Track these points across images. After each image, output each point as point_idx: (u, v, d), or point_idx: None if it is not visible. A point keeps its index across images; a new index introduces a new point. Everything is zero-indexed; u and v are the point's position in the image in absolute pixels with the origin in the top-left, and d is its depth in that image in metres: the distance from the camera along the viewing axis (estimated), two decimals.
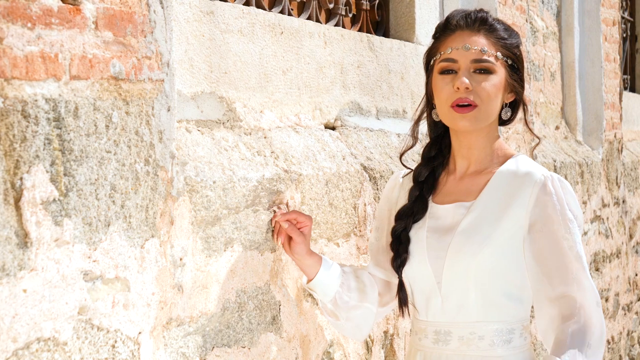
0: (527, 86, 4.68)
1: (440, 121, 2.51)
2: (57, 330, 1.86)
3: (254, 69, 2.82)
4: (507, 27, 2.49)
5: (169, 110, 2.22)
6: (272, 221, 2.62)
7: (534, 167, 2.46)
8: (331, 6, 3.52)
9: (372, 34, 3.72)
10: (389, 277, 2.62)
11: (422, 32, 3.92)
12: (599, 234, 5.67)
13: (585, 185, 5.42)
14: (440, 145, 2.58)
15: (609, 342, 5.87)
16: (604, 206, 5.77)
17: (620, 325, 6.11)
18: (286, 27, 3.00)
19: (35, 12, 1.81)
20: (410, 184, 2.59)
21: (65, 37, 1.88)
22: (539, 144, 2.69)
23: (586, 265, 2.41)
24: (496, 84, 2.44)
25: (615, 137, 6.00)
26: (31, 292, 1.79)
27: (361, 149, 3.27)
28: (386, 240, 2.61)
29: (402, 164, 2.67)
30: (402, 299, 2.55)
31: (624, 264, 6.16)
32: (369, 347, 3.16)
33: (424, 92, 2.58)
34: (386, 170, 3.28)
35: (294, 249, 2.57)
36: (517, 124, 4.38)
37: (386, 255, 2.60)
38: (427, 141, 2.62)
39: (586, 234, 5.42)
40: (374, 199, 3.19)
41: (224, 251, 2.46)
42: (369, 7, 3.80)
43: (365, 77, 3.45)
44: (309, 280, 2.58)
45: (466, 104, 2.41)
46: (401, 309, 2.56)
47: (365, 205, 3.14)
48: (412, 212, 2.52)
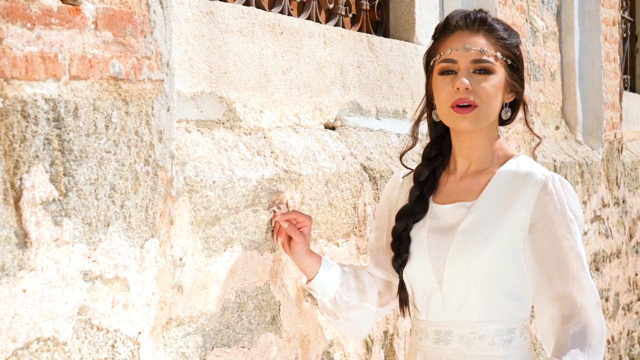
0: (527, 86, 4.68)
1: (440, 121, 2.51)
2: (56, 330, 1.86)
3: (254, 69, 2.82)
4: (507, 27, 2.49)
5: (168, 110, 2.22)
6: (271, 221, 2.62)
7: (534, 167, 2.46)
8: (331, 6, 3.52)
9: (372, 34, 3.72)
10: (388, 277, 2.62)
11: (422, 32, 3.92)
12: (599, 234, 5.67)
13: (585, 185, 5.42)
14: (440, 145, 2.58)
15: (609, 342, 5.86)
16: (604, 206, 5.77)
17: (620, 325, 6.11)
18: (286, 27, 3.00)
19: (34, 12, 1.80)
20: (410, 185, 2.59)
21: (64, 37, 1.88)
22: (539, 143, 2.69)
23: (586, 265, 2.41)
24: (496, 84, 2.44)
25: (615, 137, 6.00)
26: (31, 292, 1.79)
27: (361, 149, 3.27)
28: (386, 240, 2.61)
29: (403, 164, 2.67)
30: (403, 298, 2.55)
31: (624, 264, 6.16)
32: (368, 347, 3.16)
33: (424, 92, 2.58)
34: (386, 170, 3.28)
35: (294, 249, 2.57)
36: (517, 124, 4.38)
37: (386, 255, 2.60)
38: (428, 141, 2.62)
39: (586, 234, 5.41)
40: (374, 199, 3.19)
41: (224, 251, 2.46)
42: (369, 7, 3.80)
43: (365, 77, 3.45)
44: (309, 280, 2.58)
45: (466, 105, 2.41)
46: (402, 309, 2.56)
47: (365, 205, 3.14)
48: (412, 212, 2.52)
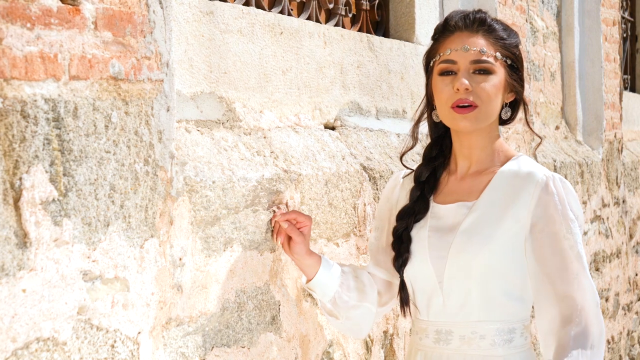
0: (527, 86, 4.68)
1: (440, 122, 2.52)
2: (56, 330, 1.86)
3: (254, 69, 2.82)
4: (506, 27, 2.49)
5: (168, 110, 2.22)
6: (271, 221, 2.62)
7: (535, 167, 2.46)
8: (331, 6, 3.52)
9: (372, 34, 3.72)
10: (388, 277, 2.62)
11: (422, 32, 3.92)
12: (599, 233, 5.67)
13: (585, 185, 5.42)
14: (441, 145, 2.58)
15: (609, 342, 5.86)
16: (604, 206, 5.77)
17: (620, 325, 6.11)
18: (286, 27, 3.00)
19: (34, 13, 1.80)
20: (410, 185, 2.59)
21: (64, 38, 1.88)
22: (540, 143, 2.69)
23: (586, 265, 2.41)
24: (496, 84, 2.44)
25: (615, 137, 6.00)
26: (30, 292, 1.79)
27: (361, 149, 3.27)
28: (386, 240, 2.61)
29: (403, 165, 2.67)
30: (404, 298, 2.55)
31: (624, 264, 6.16)
32: (368, 347, 3.16)
33: (423, 92, 2.58)
34: (386, 170, 3.28)
35: (294, 248, 2.57)
36: (517, 124, 4.38)
37: (386, 255, 2.60)
38: (428, 141, 2.62)
39: (586, 234, 5.42)
40: (374, 199, 3.19)
41: (224, 251, 2.46)
42: (368, 7, 3.80)
43: (365, 77, 3.45)
44: (309, 280, 2.58)
45: (466, 105, 2.42)
46: (402, 309, 2.56)
47: (364, 205, 3.14)
48: (413, 211, 2.52)
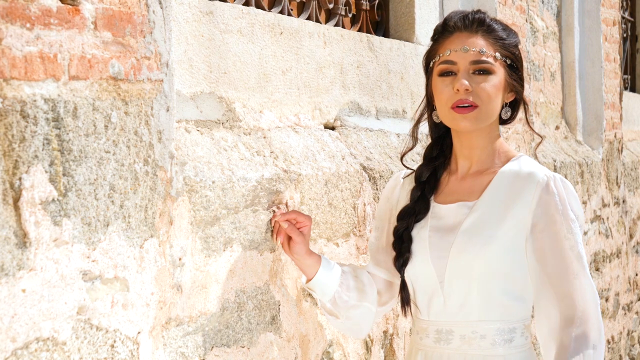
0: (527, 86, 4.68)
1: (441, 122, 2.52)
2: (56, 330, 1.86)
3: (254, 69, 2.82)
4: (505, 27, 2.49)
5: (168, 110, 2.22)
6: (271, 221, 2.63)
7: (536, 168, 2.46)
8: (331, 6, 3.52)
9: (372, 34, 3.72)
10: (388, 277, 2.62)
11: (421, 32, 3.92)
12: (599, 233, 5.67)
13: (585, 185, 5.42)
14: (441, 145, 2.58)
15: (609, 342, 5.86)
16: (604, 206, 5.77)
17: (620, 325, 6.11)
18: (286, 27, 3.00)
19: (34, 13, 1.81)
20: (410, 185, 2.59)
21: (64, 38, 1.88)
22: (541, 142, 2.70)
23: (586, 265, 2.42)
24: (496, 84, 2.44)
25: (615, 137, 6.00)
26: (30, 292, 1.79)
27: (361, 149, 3.27)
28: (386, 240, 2.61)
29: (403, 165, 2.67)
30: (405, 298, 2.55)
31: (624, 264, 6.16)
32: (368, 347, 3.16)
33: (423, 92, 2.58)
34: (386, 170, 3.28)
35: (294, 248, 2.57)
36: (517, 124, 4.38)
37: (386, 254, 2.60)
38: (428, 141, 2.62)
39: (586, 234, 5.42)
40: (374, 199, 3.19)
41: (223, 251, 2.46)
42: (368, 7, 3.80)
43: (364, 77, 3.45)
44: (308, 280, 2.58)
45: (467, 105, 2.42)
46: (403, 309, 2.56)
47: (364, 205, 3.14)
48: (414, 211, 2.53)
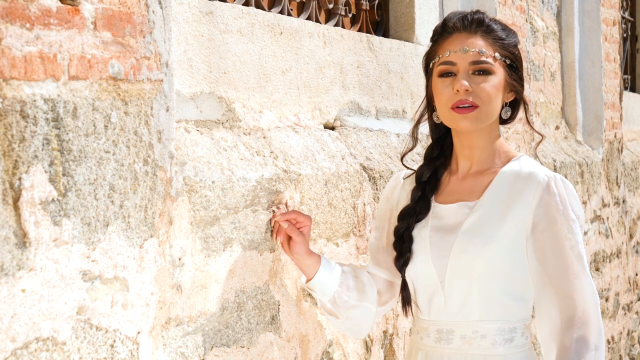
0: (527, 86, 4.68)
1: (441, 122, 2.52)
2: (55, 330, 1.86)
3: (253, 69, 2.82)
4: (505, 27, 2.50)
5: (167, 110, 2.22)
6: (271, 221, 2.63)
7: (537, 168, 2.46)
8: (331, 6, 3.52)
9: (371, 34, 3.72)
10: (388, 277, 2.62)
11: (421, 32, 3.92)
12: (599, 233, 5.67)
13: (585, 185, 5.42)
14: (442, 145, 2.58)
15: (609, 342, 5.86)
16: (604, 206, 5.77)
17: (620, 325, 6.11)
18: (285, 27, 3.00)
19: (34, 13, 1.81)
20: (411, 185, 2.60)
21: (64, 38, 1.88)
22: (542, 140, 2.70)
23: (587, 265, 2.42)
24: (495, 84, 2.44)
25: (615, 137, 6.00)
26: (30, 292, 1.80)
27: (360, 149, 3.27)
28: (386, 240, 2.61)
29: (404, 165, 2.67)
30: (405, 298, 2.55)
31: (624, 264, 6.16)
32: (368, 347, 3.16)
33: (423, 93, 2.59)
34: (385, 170, 3.28)
35: (293, 248, 2.57)
36: (517, 124, 4.38)
37: (386, 254, 2.61)
38: (428, 142, 2.62)
39: (586, 234, 5.42)
40: (374, 199, 3.19)
41: (223, 251, 2.46)
42: (368, 7, 3.80)
43: (364, 77, 3.45)
44: (308, 280, 2.58)
45: (467, 105, 2.42)
46: (404, 308, 2.56)
47: (364, 205, 3.14)
48: (414, 211, 2.53)
